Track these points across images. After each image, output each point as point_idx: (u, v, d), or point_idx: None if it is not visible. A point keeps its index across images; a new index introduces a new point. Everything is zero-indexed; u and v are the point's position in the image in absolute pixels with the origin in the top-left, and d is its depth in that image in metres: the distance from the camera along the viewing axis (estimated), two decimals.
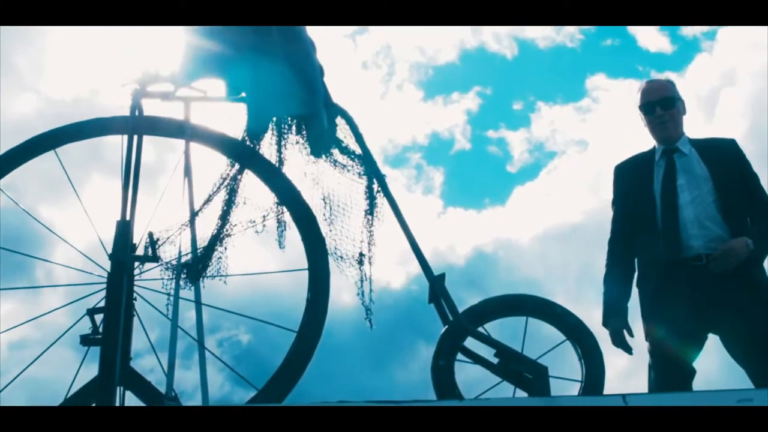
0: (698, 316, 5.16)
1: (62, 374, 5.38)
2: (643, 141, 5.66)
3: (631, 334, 5.46)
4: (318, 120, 5.43)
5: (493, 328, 5.31)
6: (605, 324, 5.49)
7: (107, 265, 5.15)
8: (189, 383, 5.53)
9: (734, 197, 5.32)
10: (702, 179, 5.34)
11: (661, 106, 5.48)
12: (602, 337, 5.39)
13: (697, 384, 5.21)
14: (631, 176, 5.58)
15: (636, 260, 5.52)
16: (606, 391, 5.10)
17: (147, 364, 5.26)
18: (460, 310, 5.30)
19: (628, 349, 5.44)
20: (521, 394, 5.08)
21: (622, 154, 5.72)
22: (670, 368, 5.18)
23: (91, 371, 5.05)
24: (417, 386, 5.91)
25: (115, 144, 5.51)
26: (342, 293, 5.56)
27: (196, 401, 5.22)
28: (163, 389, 5.05)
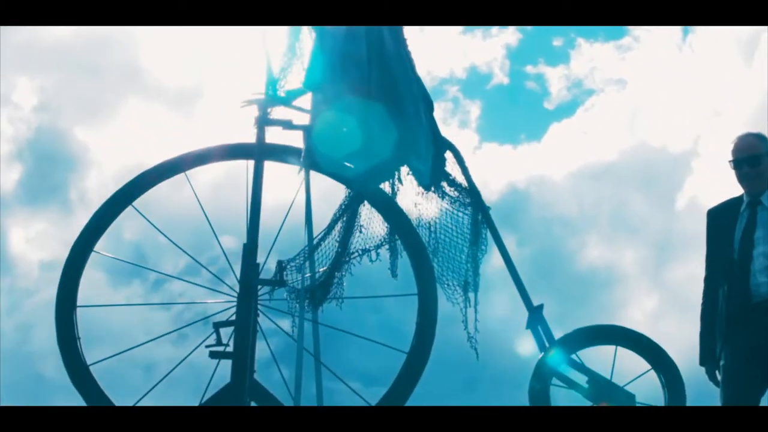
0: (757, 359, 5.65)
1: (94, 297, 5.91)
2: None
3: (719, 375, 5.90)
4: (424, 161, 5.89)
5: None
6: (702, 364, 5.94)
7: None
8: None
9: None
10: None
11: (749, 164, 5.93)
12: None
13: None
14: (719, 222, 6.03)
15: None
16: None
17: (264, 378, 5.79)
18: None
19: (717, 384, 5.91)
20: None
21: (659, 95, 6.10)
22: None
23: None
24: None
25: (148, 66, 5.91)
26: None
27: None
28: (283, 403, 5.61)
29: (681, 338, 6.55)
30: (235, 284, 5.80)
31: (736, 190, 6.00)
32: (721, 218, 5.97)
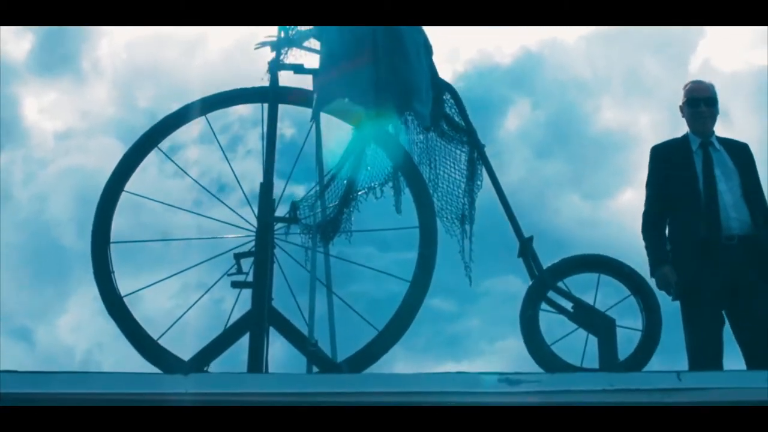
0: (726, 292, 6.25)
1: (109, 165, 6.52)
2: None
3: (675, 279, 6.49)
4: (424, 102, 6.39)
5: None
6: (653, 273, 6.55)
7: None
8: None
9: (751, 194, 6.39)
10: (732, 173, 6.42)
11: (705, 104, 6.48)
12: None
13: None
14: (671, 159, 6.55)
15: (669, 238, 6.55)
16: None
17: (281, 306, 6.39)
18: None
19: (672, 293, 6.49)
20: (593, 339, 6.21)
21: None
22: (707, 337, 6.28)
23: None
24: None
25: None
26: None
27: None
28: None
29: None
30: (253, 219, 6.37)
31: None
32: (672, 156, 6.50)
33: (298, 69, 6.63)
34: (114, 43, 22.34)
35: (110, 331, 6.25)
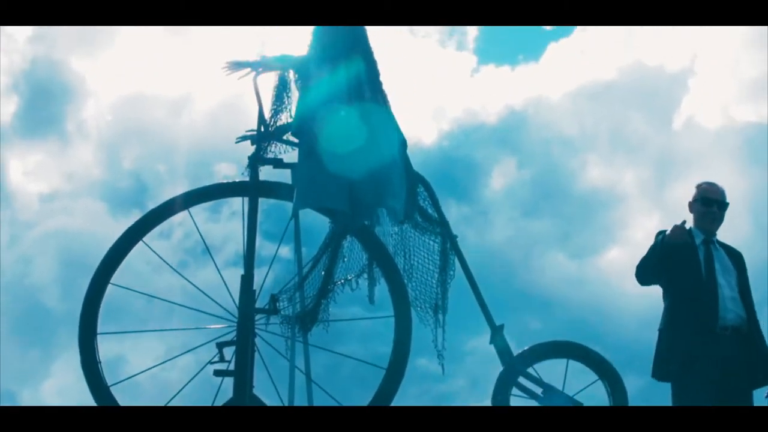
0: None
1: (94, 227, 6.79)
2: None
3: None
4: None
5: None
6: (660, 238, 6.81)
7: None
8: None
9: (745, 295, 6.76)
10: (730, 271, 6.77)
11: (718, 207, 6.85)
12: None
13: None
14: (679, 249, 6.82)
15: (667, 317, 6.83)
16: None
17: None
18: None
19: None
20: None
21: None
22: None
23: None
24: None
25: None
26: None
27: None
28: None
29: None
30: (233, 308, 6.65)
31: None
32: (689, 247, 6.77)
33: (277, 163, 6.95)
34: (99, 104, 22.66)
35: None
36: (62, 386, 17.51)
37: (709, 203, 6.88)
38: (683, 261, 6.74)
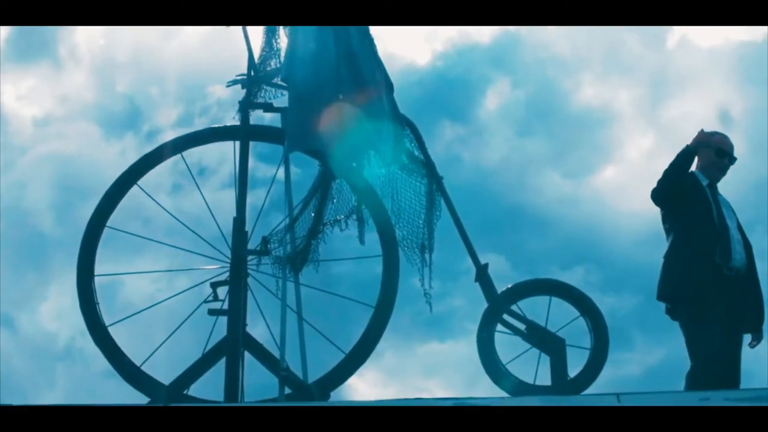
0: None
1: (88, 151, 7.00)
2: None
3: None
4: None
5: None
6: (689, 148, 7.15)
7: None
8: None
9: (744, 237, 7.14)
10: (732, 216, 7.15)
11: (729, 160, 7.18)
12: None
13: None
14: (697, 189, 7.11)
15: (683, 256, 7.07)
16: None
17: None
18: None
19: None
20: (545, 358, 6.71)
21: None
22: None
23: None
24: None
25: None
26: None
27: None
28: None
29: None
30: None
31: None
32: (696, 186, 7.08)
33: (268, 107, 7.11)
34: (91, 29, 22.56)
35: None
36: (59, 309, 17.73)
37: (723, 155, 7.23)
38: (694, 197, 7.04)
